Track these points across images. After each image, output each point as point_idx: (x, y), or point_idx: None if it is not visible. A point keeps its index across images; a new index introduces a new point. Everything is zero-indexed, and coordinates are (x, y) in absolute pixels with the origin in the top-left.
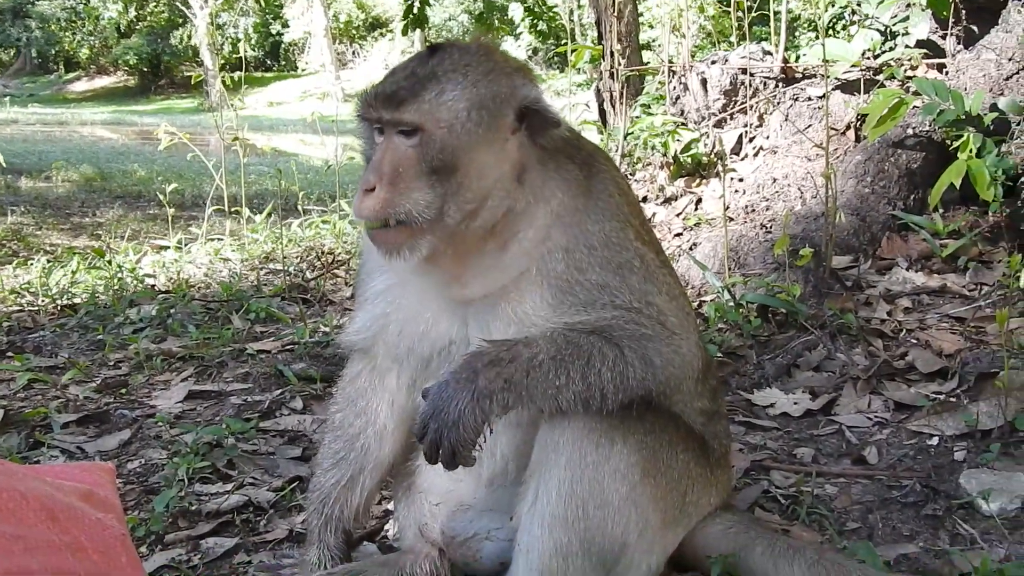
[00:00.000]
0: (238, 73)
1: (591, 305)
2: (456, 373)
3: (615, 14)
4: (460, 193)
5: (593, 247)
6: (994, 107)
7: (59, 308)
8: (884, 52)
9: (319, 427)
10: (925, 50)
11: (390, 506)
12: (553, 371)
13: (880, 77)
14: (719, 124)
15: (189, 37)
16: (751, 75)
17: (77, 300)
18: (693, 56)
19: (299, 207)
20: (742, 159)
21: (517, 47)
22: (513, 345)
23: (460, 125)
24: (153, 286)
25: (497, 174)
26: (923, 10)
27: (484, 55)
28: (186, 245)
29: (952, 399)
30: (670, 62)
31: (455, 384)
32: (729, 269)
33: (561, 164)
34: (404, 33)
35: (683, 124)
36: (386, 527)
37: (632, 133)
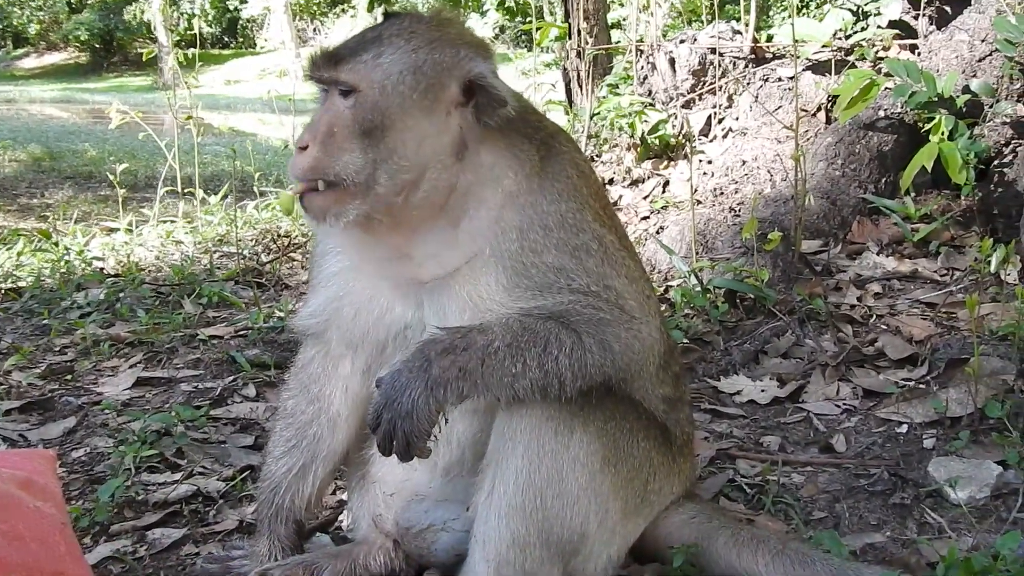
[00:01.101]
0: (193, 50)
1: (547, 289)
2: (409, 362)
3: None
4: (392, 160)
5: (548, 228)
6: (967, 89)
7: (3, 292)
8: (856, 32)
9: (272, 415)
10: (897, 31)
11: (344, 496)
12: (509, 359)
13: (851, 58)
14: (687, 105)
15: (143, 12)
16: (720, 55)
17: (22, 284)
18: (664, 35)
19: (256, 189)
20: (711, 141)
21: (484, 24)
22: (468, 332)
23: (392, 87)
24: (102, 269)
25: (435, 146)
26: None
27: (436, 25)
28: (137, 227)
29: (921, 386)
30: (638, 41)
31: (408, 373)
32: (696, 253)
33: (515, 143)
34: (369, 10)
35: (651, 105)
36: (340, 518)
37: (599, 114)
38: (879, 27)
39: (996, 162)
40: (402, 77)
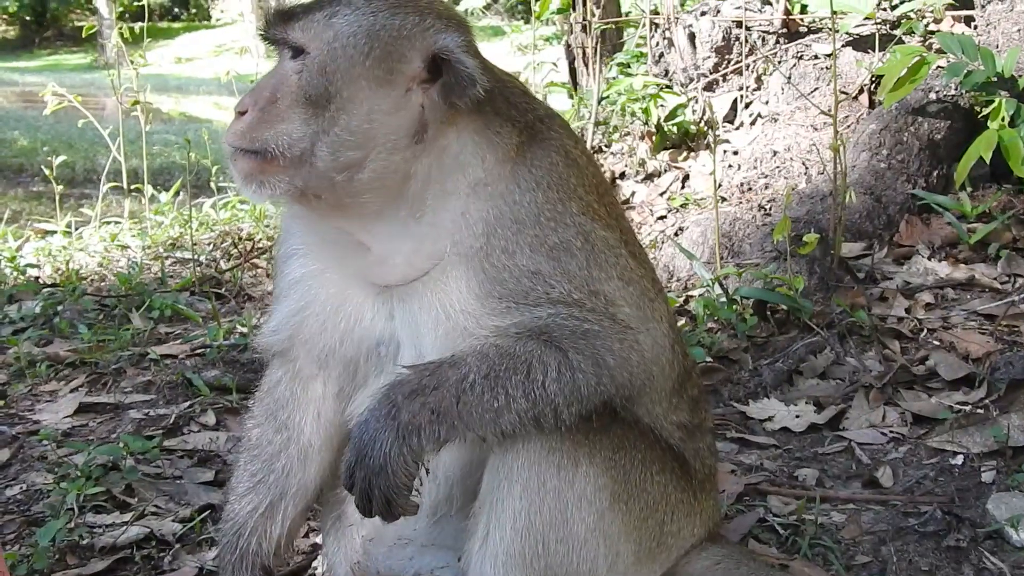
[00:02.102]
0: (140, 24)
1: (524, 298)
2: (375, 410)
3: None
4: (333, 133)
5: (522, 222)
6: None
7: None
8: (903, 2)
9: (235, 446)
10: (951, 0)
11: (318, 539)
12: (488, 392)
13: (898, 32)
14: (710, 87)
15: None
16: (747, 29)
17: None
18: (683, 5)
19: (213, 184)
20: (736, 128)
21: None
22: (437, 368)
23: (342, 50)
24: (37, 278)
25: (387, 124)
26: None
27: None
28: (77, 229)
29: (980, 410)
30: (652, 13)
31: (376, 423)
32: (721, 258)
33: (492, 126)
34: None
35: (667, 87)
36: (314, 564)
37: (608, 97)
38: None
39: None
40: (354, 40)
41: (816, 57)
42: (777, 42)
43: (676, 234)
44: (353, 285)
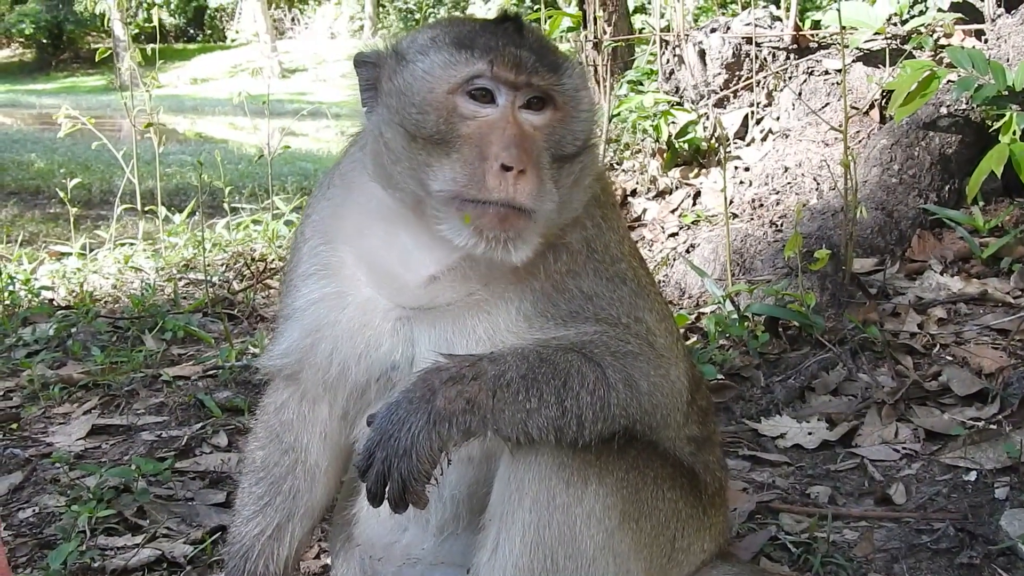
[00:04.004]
0: (154, 45)
1: (572, 317)
2: (409, 392)
3: None
4: (580, 185)
5: (593, 251)
6: None
7: None
8: (913, 17)
9: (243, 466)
10: (960, 14)
11: (327, 560)
12: (523, 392)
13: (908, 47)
14: (720, 103)
15: (96, 2)
16: (757, 45)
17: None
18: (696, 21)
19: (226, 205)
20: (747, 144)
21: (488, 10)
22: (477, 360)
23: (592, 110)
24: (51, 300)
25: (591, 171)
26: None
27: None
28: (91, 251)
29: (993, 426)
30: (663, 30)
31: (408, 404)
32: (732, 275)
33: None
34: None
35: (678, 104)
36: None
37: (619, 115)
38: (939, 10)
39: None
40: (592, 99)
41: (826, 73)
42: (787, 58)
43: (687, 251)
44: (375, 309)
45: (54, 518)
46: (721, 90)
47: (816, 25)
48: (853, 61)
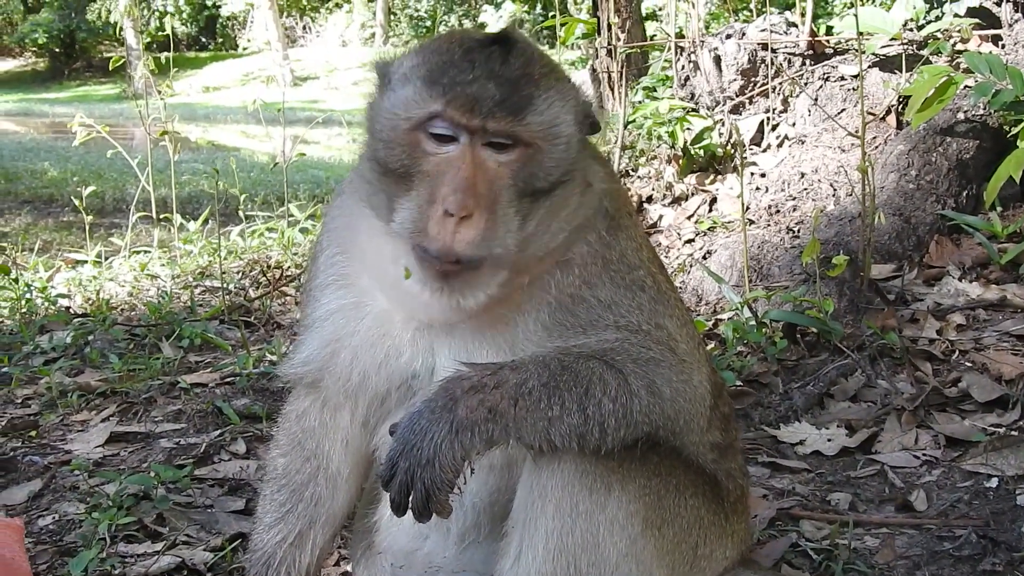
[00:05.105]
0: (167, 54)
1: (592, 325)
2: (431, 401)
3: None
4: (551, 219)
5: (609, 261)
6: None
7: None
8: (929, 22)
9: (265, 473)
10: (977, 19)
11: (348, 567)
12: (545, 400)
13: (925, 52)
14: (736, 109)
15: (108, 11)
16: (773, 51)
17: None
18: (707, 28)
19: (240, 212)
20: (764, 151)
21: (499, 19)
22: (499, 369)
23: (571, 141)
24: (68, 308)
25: (578, 190)
26: None
27: (547, 55)
28: (107, 259)
29: (1014, 432)
30: (678, 36)
31: (430, 414)
32: (750, 281)
33: (594, 176)
34: None
35: (694, 110)
36: None
37: (634, 121)
38: (956, 16)
39: None
40: (574, 127)
41: (842, 78)
42: (803, 64)
43: (704, 257)
44: (393, 319)
45: (74, 525)
46: (737, 96)
47: (830, 31)
48: (869, 67)
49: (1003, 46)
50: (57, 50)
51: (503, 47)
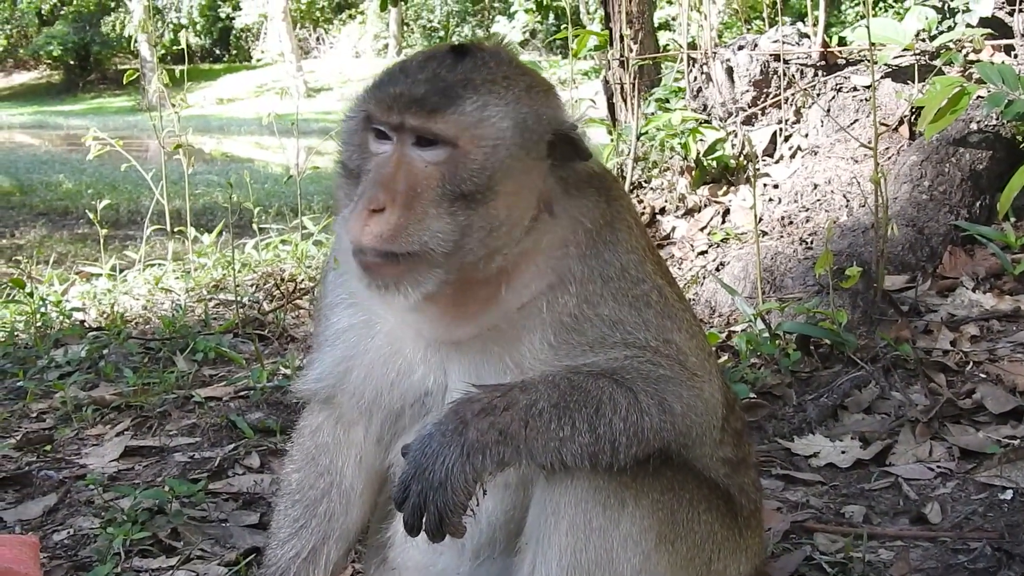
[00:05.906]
0: (181, 66)
1: (600, 344)
2: (442, 424)
3: None
4: (486, 226)
5: (609, 278)
6: None
7: None
8: (942, 32)
9: (279, 489)
10: (990, 30)
11: None
12: (556, 420)
13: (937, 63)
14: (748, 121)
15: (123, 24)
16: (786, 62)
17: None
18: (720, 38)
19: (254, 225)
20: (776, 162)
21: (512, 28)
22: (508, 390)
23: (504, 147)
24: (82, 322)
25: (525, 206)
26: None
27: (518, 67)
28: (121, 272)
29: None
30: (690, 47)
31: (441, 437)
32: (763, 293)
33: (583, 190)
34: (383, 8)
35: (706, 121)
36: None
37: (646, 133)
38: (969, 26)
39: None
40: (509, 133)
41: (855, 89)
42: (816, 75)
43: (717, 269)
44: (403, 338)
45: (89, 540)
46: (749, 107)
47: (842, 42)
48: (882, 77)
49: (1016, 56)
50: (72, 63)
51: (457, 55)
